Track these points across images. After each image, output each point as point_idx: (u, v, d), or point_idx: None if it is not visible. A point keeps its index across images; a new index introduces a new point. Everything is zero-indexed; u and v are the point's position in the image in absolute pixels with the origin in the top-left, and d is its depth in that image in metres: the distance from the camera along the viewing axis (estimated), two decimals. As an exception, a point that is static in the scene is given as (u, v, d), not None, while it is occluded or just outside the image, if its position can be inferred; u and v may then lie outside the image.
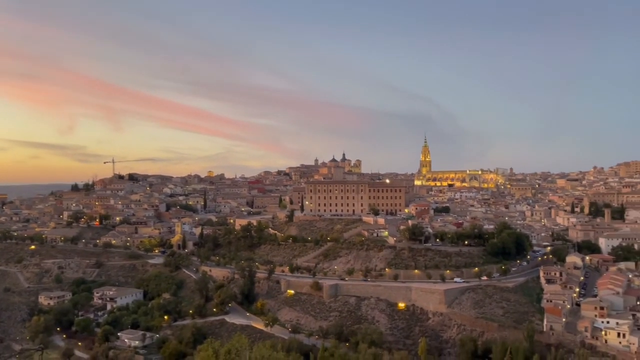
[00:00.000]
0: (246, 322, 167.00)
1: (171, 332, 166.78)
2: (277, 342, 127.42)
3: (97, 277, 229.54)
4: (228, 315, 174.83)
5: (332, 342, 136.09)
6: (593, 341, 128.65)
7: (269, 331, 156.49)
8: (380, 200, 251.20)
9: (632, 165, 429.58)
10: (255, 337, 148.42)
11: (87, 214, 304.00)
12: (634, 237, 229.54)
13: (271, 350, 75.32)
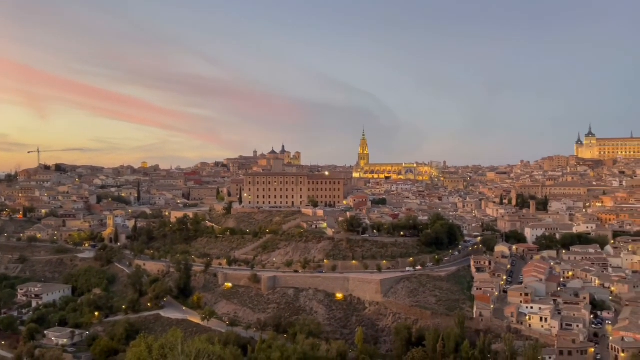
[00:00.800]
0: (182, 317, 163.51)
1: (102, 328, 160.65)
2: (214, 335, 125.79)
3: (20, 272, 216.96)
4: (163, 310, 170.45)
5: (270, 334, 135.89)
6: (518, 326, 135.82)
7: (205, 325, 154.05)
8: (319, 192, 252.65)
9: (555, 159, 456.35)
10: (191, 332, 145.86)
11: (10, 207, 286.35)
12: (555, 227, 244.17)
13: (207, 344, 74.17)
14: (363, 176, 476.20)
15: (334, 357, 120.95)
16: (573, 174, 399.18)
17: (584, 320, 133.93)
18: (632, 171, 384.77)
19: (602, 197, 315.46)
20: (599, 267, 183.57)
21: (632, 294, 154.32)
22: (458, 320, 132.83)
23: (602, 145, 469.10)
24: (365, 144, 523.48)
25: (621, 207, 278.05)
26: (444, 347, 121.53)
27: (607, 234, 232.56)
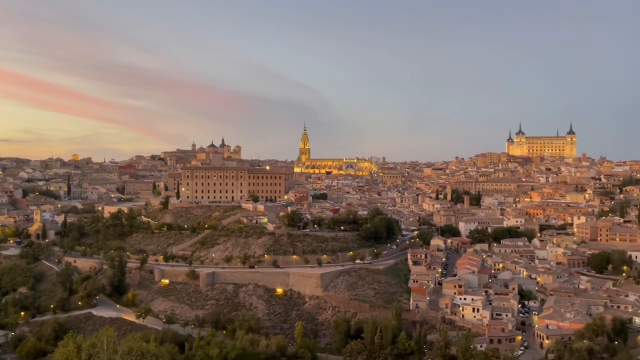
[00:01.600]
0: (116, 315, 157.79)
1: (29, 329, 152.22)
2: (150, 333, 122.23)
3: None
4: (95, 308, 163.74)
5: (209, 331, 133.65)
6: (452, 316, 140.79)
7: (141, 323, 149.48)
8: (260, 186, 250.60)
9: (487, 156, 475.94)
10: (125, 330, 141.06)
11: None
12: (487, 222, 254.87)
13: (141, 342, 71.74)
14: (304, 171, 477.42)
15: (273, 352, 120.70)
16: (504, 170, 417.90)
17: (512, 309, 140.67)
18: (557, 168, 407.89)
19: (530, 192, 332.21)
20: (526, 259, 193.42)
21: (556, 284, 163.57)
22: (395, 312, 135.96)
23: (531, 144, 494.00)
24: (306, 138, 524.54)
25: (547, 202, 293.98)
26: (382, 338, 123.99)
27: (535, 227, 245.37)
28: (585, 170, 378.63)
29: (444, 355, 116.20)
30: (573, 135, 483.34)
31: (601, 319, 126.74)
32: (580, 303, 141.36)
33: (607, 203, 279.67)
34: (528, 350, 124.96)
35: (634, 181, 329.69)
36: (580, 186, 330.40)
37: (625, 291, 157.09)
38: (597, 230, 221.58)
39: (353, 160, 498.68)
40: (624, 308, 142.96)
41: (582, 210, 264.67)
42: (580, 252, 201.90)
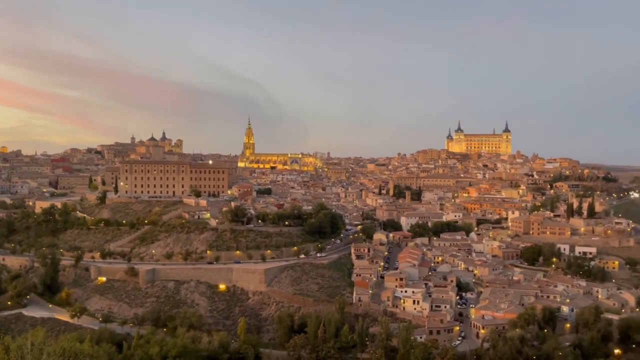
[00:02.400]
0: (48, 315, 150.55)
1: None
2: (85, 333, 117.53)
3: None
4: (26, 308, 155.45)
5: (149, 329, 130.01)
6: (394, 309, 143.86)
7: (76, 322, 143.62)
8: (202, 181, 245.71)
9: (428, 152, 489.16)
10: (59, 330, 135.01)
11: None
12: (428, 216, 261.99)
13: (75, 342, 68.64)
14: (248, 166, 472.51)
15: (215, 348, 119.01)
16: (444, 166, 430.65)
17: (451, 301, 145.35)
18: (493, 165, 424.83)
19: (468, 188, 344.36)
20: (464, 253, 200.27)
21: (492, 276, 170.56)
22: (338, 306, 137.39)
23: (469, 141, 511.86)
24: (250, 133, 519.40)
25: (484, 197, 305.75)
26: (325, 332, 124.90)
27: (472, 221, 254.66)
28: (519, 167, 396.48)
29: (385, 347, 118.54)
30: (508, 133, 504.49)
31: (532, 309, 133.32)
32: (513, 294, 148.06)
33: (538, 198, 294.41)
34: (465, 340, 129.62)
35: (563, 177, 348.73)
36: (514, 182, 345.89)
37: (554, 282, 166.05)
38: (530, 224, 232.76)
39: (298, 156, 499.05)
40: (553, 298, 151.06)
41: (516, 205, 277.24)
42: (514, 245, 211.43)
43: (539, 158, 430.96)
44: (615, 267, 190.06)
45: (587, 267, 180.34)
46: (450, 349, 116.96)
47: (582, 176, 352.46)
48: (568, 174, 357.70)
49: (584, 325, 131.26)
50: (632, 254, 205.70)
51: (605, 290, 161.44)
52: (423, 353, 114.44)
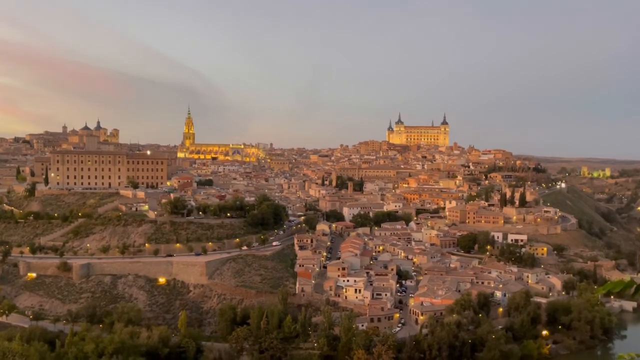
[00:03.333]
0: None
1: None
2: (15, 331, 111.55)
3: None
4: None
5: (83, 326, 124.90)
6: (336, 298, 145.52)
7: (4, 321, 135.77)
8: (140, 172, 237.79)
9: (369, 144, 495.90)
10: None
11: None
12: (369, 206, 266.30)
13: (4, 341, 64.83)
14: (188, 156, 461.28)
15: (155, 343, 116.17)
16: (385, 157, 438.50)
17: (391, 289, 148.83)
18: (432, 156, 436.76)
19: (408, 178, 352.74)
20: (404, 241, 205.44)
21: (430, 264, 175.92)
22: (281, 297, 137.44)
23: (409, 132, 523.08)
24: (191, 123, 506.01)
25: (423, 188, 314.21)
26: (268, 323, 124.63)
27: (412, 211, 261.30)
28: (456, 158, 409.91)
29: (327, 336, 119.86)
30: (446, 125, 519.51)
31: (468, 295, 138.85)
32: (450, 281, 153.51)
33: (474, 188, 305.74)
34: (405, 327, 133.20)
35: (497, 168, 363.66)
36: (451, 173, 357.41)
37: (488, 268, 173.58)
38: (466, 214, 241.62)
39: (240, 146, 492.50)
40: (487, 283, 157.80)
41: (453, 195, 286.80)
42: (451, 233, 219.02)
43: (475, 150, 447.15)
44: (544, 253, 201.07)
45: (518, 254, 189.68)
46: (391, 336, 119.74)
47: (514, 167, 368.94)
48: (502, 165, 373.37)
49: (515, 309, 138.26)
50: (559, 241, 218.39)
51: (534, 276, 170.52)
52: (364, 340, 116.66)
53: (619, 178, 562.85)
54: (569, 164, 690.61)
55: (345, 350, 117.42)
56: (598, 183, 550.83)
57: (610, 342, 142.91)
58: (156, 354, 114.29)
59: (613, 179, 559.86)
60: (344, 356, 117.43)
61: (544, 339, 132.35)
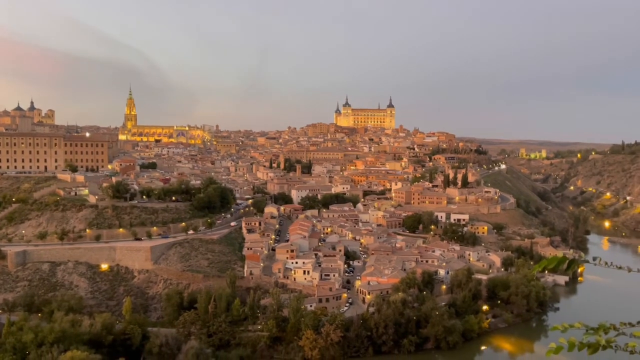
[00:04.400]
0: None
1: None
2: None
3: None
4: None
5: (21, 315, 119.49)
6: (285, 280, 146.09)
7: None
8: (79, 155, 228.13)
9: (317, 126, 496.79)
10: None
11: None
12: (317, 189, 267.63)
13: None
14: (130, 139, 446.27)
15: (98, 331, 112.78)
16: (332, 140, 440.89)
17: (339, 270, 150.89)
18: (378, 138, 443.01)
19: (355, 161, 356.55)
20: (352, 223, 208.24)
21: (377, 244, 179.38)
22: (229, 280, 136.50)
23: (356, 115, 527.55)
24: (132, 104, 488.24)
25: (370, 170, 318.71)
26: (216, 307, 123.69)
27: (359, 193, 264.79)
28: (402, 140, 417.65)
29: (276, 318, 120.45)
30: (392, 108, 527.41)
31: (413, 273, 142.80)
32: (396, 260, 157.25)
33: (419, 170, 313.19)
34: (352, 306, 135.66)
35: (441, 150, 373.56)
36: (397, 155, 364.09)
37: (432, 247, 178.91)
38: (411, 195, 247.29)
39: (184, 128, 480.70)
40: (431, 262, 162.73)
41: (399, 177, 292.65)
42: (397, 214, 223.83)
43: (420, 132, 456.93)
44: (484, 232, 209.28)
45: (460, 233, 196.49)
46: (339, 315, 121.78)
47: (457, 149, 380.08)
48: (445, 147, 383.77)
49: (458, 285, 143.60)
50: (499, 220, 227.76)
51: (475, 254, 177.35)
52: (313, 321, 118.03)
53: (554, 159, 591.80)
54: (508, 146, 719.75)
55: (294, 331, 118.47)
56: (535, 164, 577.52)
57: (545, 315, 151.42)
58: (100, 342, 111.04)
59: (548, 160, 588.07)
60: (292, 337, 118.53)
61: (484, 314, 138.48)
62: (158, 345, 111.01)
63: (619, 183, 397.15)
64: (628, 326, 6.68)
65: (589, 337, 6.75)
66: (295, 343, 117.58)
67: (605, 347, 6.68)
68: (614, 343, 6.61)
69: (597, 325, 6.90)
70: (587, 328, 6.85)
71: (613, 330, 6.76)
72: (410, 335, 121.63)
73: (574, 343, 6.72)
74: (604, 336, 6.70)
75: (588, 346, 6.68)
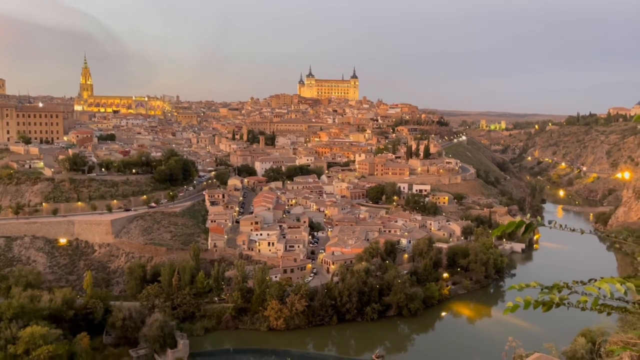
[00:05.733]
0: None
1: None
2: None
3: None
4: None
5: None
6: (249, 252, 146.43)
7: None
8: (32, 127, 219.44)
9: (281, 97, 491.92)
10: None
11: None
12: (281, 161, 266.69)
13: None
14: (87, 109, 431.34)
15: (58, 306, 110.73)
16: (296, 111, 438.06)
17: (304, 241, 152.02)
18: (342, 110, 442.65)
19: (319, 132, 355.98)
20: (316, 194, 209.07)
21: (341, 215, 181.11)
22: (193, 253, 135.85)
23: (320, 86, 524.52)
24: (88, 73, 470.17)
25: (334, 142, 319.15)
26: (180, 280, 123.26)
27: (323, 165, 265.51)
28: (365, 112, 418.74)
29: (241, 289, 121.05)
30: (356, 79, 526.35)
31: (376, 243, 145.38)
32: (360, 230, 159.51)
33: (382, 141, 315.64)
34: (317, 276, 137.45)
35: (403, 122, 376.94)
36: (361, 127, 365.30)
37: (395, 217, 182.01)
38: (374, 166, 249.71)
39: (143, 99, 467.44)
40: (394, 232, 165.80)
41: (363, 149, 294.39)
42: (361, 185, 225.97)
43: (383, 104, 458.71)
44: (445, 202, 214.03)
45: (422, 203, 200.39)
46: (303, 285, 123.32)
47: (420, 120, 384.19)
48: (408, 119, 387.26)
49: (419, 254, 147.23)
50: (460, 190, 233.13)
51: (437, 223, 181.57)
52: (278, 291, 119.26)
53: (512, 130, 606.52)
54: (469, 118, 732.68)
55: (259, 301, 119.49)
56: (494, 135, 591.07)
57: (502, 281, 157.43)
58: (60, 317, 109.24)
59: (508, 132, 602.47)
60: (257, 307, 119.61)
61: (445, 281, 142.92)
62: (121, 318, 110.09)
63: (574, 153, 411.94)
64: (580, 284, 6.96)
65: (544, 296, 7.01)
66: (261, 313, 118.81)
67: (559, 305, 6.95)
68: (566, 300, 6.89)
69: (551, 285, 7.17)
70: (542, 287, 7.11)
71: (566, 289, 7.03)
72: (374, 303, 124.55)
73: (530, 301, 6.97)
74: (557, 294, 6.96)
75: (543, 304, 6.94)
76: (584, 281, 6.97)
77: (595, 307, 6.79)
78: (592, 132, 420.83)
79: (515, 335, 79.91)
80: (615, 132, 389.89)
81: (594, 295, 6.72)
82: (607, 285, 6.55)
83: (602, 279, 6.73)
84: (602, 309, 6.87)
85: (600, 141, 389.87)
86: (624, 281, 6.65)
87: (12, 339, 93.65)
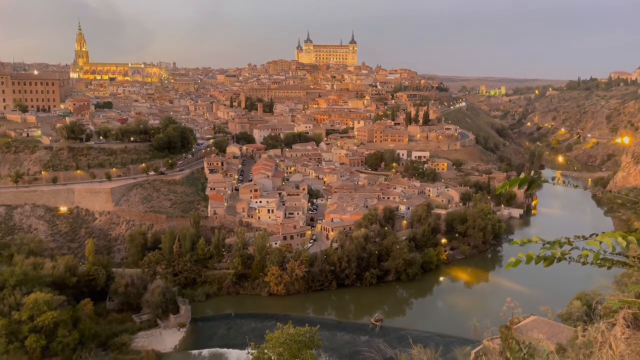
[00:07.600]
0: None
1: None
2: None
3: None
4: None
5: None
6: (249, 219, 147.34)
7: None
8: (28, 95, 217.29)
9: (279, 63, 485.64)
10: None
11: None
12: (280, 128, 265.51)
13: None
14: (83, 77, 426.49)
15: (61, 273, 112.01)
16: (294, 77, 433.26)
17: (303, 208, 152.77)
18: (341, 76, 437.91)
19: (318, 99, 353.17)
20: (315, 162, 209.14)
21: (340, 182, 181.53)
22: (193, 220, 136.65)
23: (318, 52, 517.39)
24: (82, 39, 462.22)
25: (332, 108, 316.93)
26: (180, 247, 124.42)
27: (322, 132, 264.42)
28: (364, 77, 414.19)
29: (242, 256, 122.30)
30: (354, 44, 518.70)
31: (375, 209, 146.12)
32: (359, 197, 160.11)
33: (381, 108, 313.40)
34: (316, 243, 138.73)
35: (403, 88, 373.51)
36: (360, 93, 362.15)
37: (393, 184, 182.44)
38: (373, 133, 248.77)
39: (140, 66, 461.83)
40: (392, 198, 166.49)
41: (361, 115, 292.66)
42: (360, 152, 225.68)
43: (382, 69, 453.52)
44: (444, 168, 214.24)
45: (421, 170, 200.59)
46: (303, 251, 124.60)
47: (419, 86, 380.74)
48: (407, 85, 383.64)
49: (418, 220, 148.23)
50: (459, 156, 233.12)
51: (435, 189, 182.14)
52: (278, 257, 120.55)
53: (512, 96, 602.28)
54: (468, 83, 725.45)
55: (259, 267, 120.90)
56: (494, 101, 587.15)
57: (500, 246, 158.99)
58: (63, 284, 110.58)
59: (507, 97, 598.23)
60: (258, 273, 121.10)
61: (443, 247, 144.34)
62: (124, 285, 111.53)
63: (574, 119, 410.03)
64: (581, 239, 6.99)
65: (546, 251, 7.05)
66: (261, 279, 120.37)
67: (560, 259, 7.00)
68: (567, 255, 6.93)
69: (553, 240, 7.20)
70: (544, 242, 7.14)
71: (567, 244, 7.07)
72: (372, 269, 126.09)
73: (532, 256, 7.01)
74: (559, 249, 7.00)
75: (544, 259, 6.99)
76: (585, 236, 7.01)
77: (595, 261, 6.85)
78: (592, 97, 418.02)
79: (512, 298, 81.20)
80: (616, 96, 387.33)
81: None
82: (609, 239, 6.58)
83: (604, 233, 6.76)
84: (603, 263, 6.93)
85: (600, 106, 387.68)
86: (625, 235, 6.68)
87: (16, 305, 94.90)
